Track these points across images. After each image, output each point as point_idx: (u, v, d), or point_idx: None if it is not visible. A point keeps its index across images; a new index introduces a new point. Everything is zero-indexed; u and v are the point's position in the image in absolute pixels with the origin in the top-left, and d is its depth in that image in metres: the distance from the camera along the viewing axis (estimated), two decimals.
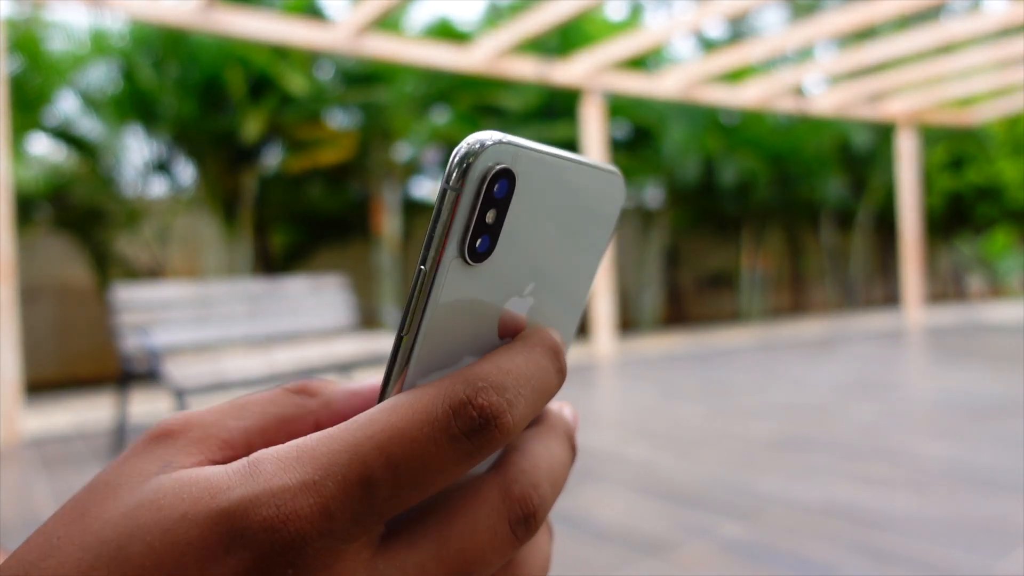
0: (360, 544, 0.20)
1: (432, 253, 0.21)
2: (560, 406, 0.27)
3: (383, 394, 0.23)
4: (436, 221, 0.21)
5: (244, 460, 0.20)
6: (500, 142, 0.21)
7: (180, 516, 0.19)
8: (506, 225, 0.22)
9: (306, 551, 0.19)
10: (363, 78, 7.98)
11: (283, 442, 0.21)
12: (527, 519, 0.22)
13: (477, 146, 0.21)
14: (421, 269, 0.22)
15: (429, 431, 0.20)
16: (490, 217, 0.21)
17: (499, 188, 0.21)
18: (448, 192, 0.21)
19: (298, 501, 0.19)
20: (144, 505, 0.20)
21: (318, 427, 0.25)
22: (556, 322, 0.26)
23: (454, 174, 0.21)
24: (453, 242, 0.21)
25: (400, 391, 0.22)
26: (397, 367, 0.22)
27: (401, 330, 0.22)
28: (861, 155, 11.62)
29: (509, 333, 0.25)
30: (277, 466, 0.20)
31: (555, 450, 0.24)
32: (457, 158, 0.21)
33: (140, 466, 0.21)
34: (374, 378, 0.25)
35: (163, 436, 0.22)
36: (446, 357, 0.23)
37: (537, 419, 0.26)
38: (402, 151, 8.76)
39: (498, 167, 0.21)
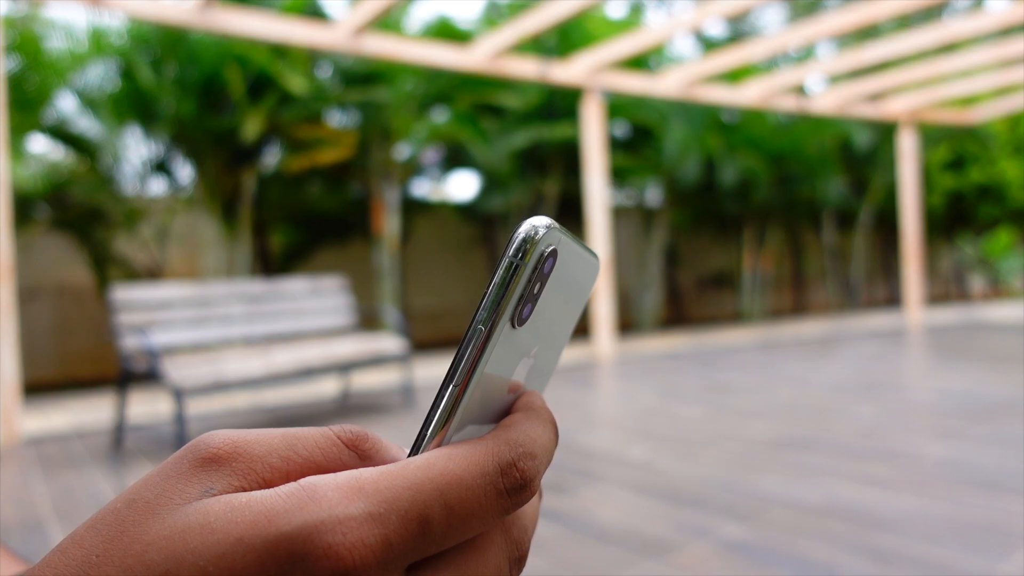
0: (398, 573, 0.21)
1: (494, 315, 0.24)
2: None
3: (420, 441, 0.25)
4: (501, 288, 0.24)
5: (295, 485, 0.21)
6: (552, 228, 0.25)
7: (236, 540, 0.19)
8: (541, 297, 0.25)
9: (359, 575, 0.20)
10: (363, 77, 7.97)
11: None
12: (520, 559, 0.25)
13: (540, 231, 0.24)
14: (480, 328, 0.24)
15: (481, 482, 0.23)
16: (536, 289, 0.25)
17: (547, 266, 0.25)
18: (514, 265, 0.24)
19: (364, 530, 0.20)
20: (193, 528, 0.20)
21: None
22: (540, 380, 0.30)
23: (521, 251, 0.24)
24: (509, 308, 0.24)
25: (441, 442, 0.24)
26: (440, 417, 0.24)
27: (452, 381, 0.24)
28: (862, 155, 11.60)
29: (511, 390, 0.28)
30: (339, 495, 0.20)
31: (534, 501, 0.27)
32: (521, 238, 0.24)
33: (181, 487, 0.21)
34: None
35: (209, 461, 0.22)
36: (474, 409, 0.25)
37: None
38: (402, 151, 8.75)
39: (550, 248, 0.25)
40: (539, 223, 0.24)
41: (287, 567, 0.19)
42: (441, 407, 0.24)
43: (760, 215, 11.61)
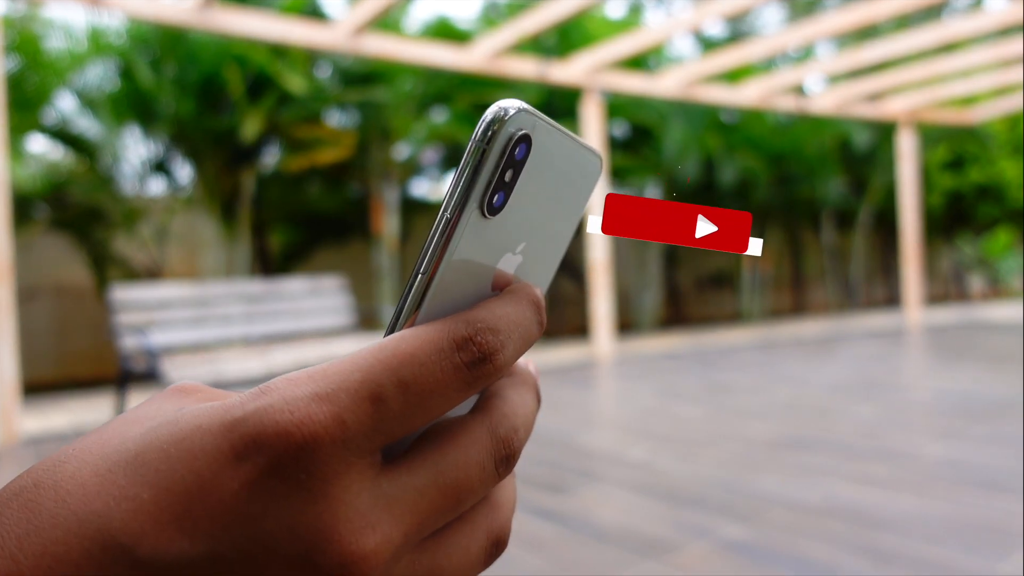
0: (366, 462, 0.21)
1: (458, 201, 0.23)
2: (525, 362, 0.30)
3: (392, 329, 0.24)
4: (464, 173, 0.23)
5: (255, 388, 0.22)
6: (524, 110, 0.23)
7: (195, 427, 0.21)
8: (517, 186, 0.24)
9: (319, 456, 0.20)
10: (362, 77, 7.96)
11: None
12: (508, 458, 0.24)
13: (506, 112, 0.23)
14: (446, 216, 0.23)
15: (436, 358, 0.22)
16: (508, 176, 0.24)
17: (519, 151, 0.23)
18: (479, 148, 0.23)
19: (311, 408, 0.20)
20: (163, 425, 0.22)
21: None
22: (537, 279, 0.29)
23: (486, 133, 0.23)
24: (476, 194, 0.23)
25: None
26: (410, 304, 0.24)
27: (419, 269, 0.24)
28: (861, 155, 11.60)
29: (499, 286, 0.27)
30: (289, 382, 0.21)
31: (527, 399, 0.27)
32: (488, 119, 0.23)
33: (157, 406, 0.24)
34: None
35: (180, 390, 0.25)
36: (449, 302, 0.25)
37: (508, 371, 0.28)
38: (401, 151, 8.75)
39: (521, 132, 0.23)
40: (508, 104, 0.23)
41: (242, 451, 0.20)
42: (410, 297, 0.24)
43: (759, 215, 11.60)
